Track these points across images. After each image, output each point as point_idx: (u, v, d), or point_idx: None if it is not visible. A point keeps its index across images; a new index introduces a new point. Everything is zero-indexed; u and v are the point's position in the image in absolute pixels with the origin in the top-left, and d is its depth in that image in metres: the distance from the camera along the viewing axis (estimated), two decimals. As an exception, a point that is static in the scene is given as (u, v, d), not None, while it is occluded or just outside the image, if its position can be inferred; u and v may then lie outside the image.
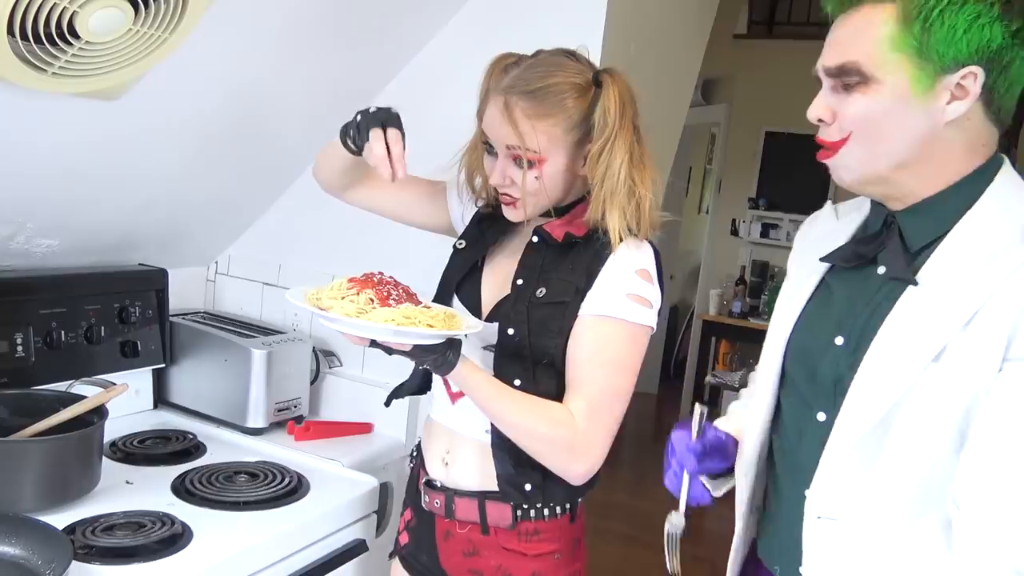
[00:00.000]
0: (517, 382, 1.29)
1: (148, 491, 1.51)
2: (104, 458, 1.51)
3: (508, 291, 1.35)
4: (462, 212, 1.50)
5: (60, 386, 1.64)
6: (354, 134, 1.34)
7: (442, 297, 1.41)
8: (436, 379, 1.43)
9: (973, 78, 0.95)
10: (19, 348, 1.64)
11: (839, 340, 1.06)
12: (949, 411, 0.95)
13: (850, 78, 0.98)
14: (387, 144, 1.28)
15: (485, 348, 1.35)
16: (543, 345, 1.29)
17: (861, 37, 0.97)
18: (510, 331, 1.31)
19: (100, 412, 1.47)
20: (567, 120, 1.27)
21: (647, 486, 4.46)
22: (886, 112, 0.98)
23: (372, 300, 1.19)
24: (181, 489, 1.53)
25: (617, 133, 1.27)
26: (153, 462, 1.65)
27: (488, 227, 1.44)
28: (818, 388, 1.08)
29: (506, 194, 1.33)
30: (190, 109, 1.64)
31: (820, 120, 1.03)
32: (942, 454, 0.96)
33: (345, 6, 1.64)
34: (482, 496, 1.35)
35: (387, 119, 1.30)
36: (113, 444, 1.69)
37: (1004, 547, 0.89)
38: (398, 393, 1.48)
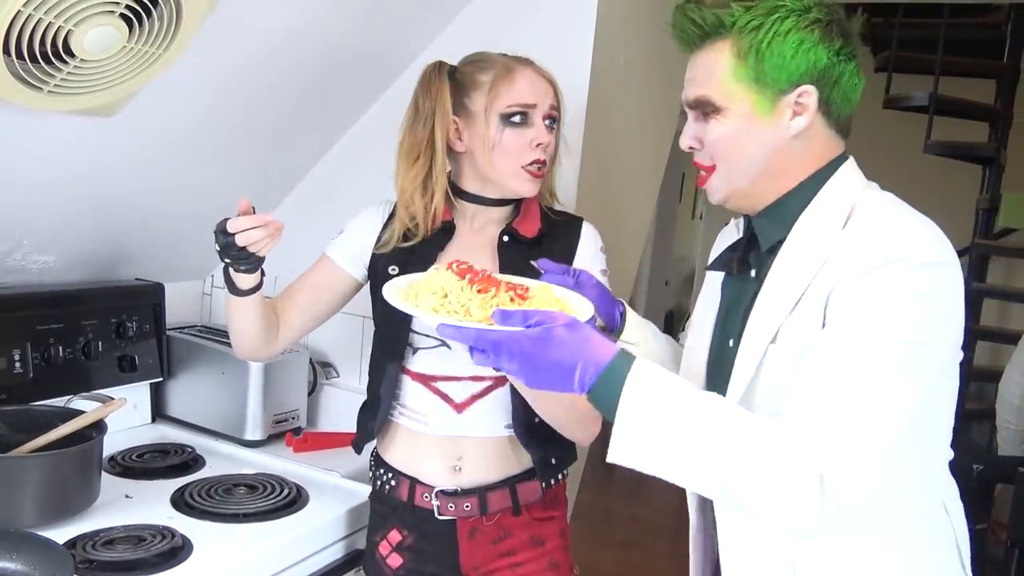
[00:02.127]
0: None
1: (147, 505, 1.52)
2: (103, 473, 1.51)
3: None
4: (356, 258, 1.49)
5: (58, 401, 1.65)
6: (232, 255, 1.30)
7: (398, 325, 1.42)
8: (428, 398, 1.43)
9: (808, 95, 1.08)
10: (17, 364, 1.64)
11: (731, 343, 1.17)
12: (788, 383, 1.06)
13: (705, 108, 1.12)
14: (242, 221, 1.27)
15: None
16: None
17: (708, 73, 1.11)
18: None
19: (99, 427, 1.48)
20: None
21: (644, 493, 4.46)
22: (738, 133, 1.10)
23: (514, 299, 1.08)
24: (180, 502, 1.54)
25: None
26: (152, 476, 1.66)
27: (409, 243, 1.44)
28: (721, 386, 1.16)
29: (543, 162, 1.41)
30: (185, 124, 1.65)
31: (691, 147, 1.16)
32: None
33: (342, 20, 1.65)
34: (511, 481, 1.43)
35: (219, 228, 1.28)
36: (112, 459, 1.70)
37: (817, 451, 0.96)
38: (372, 432, 1.49)
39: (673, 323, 6.77)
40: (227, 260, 1.32)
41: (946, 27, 4.31)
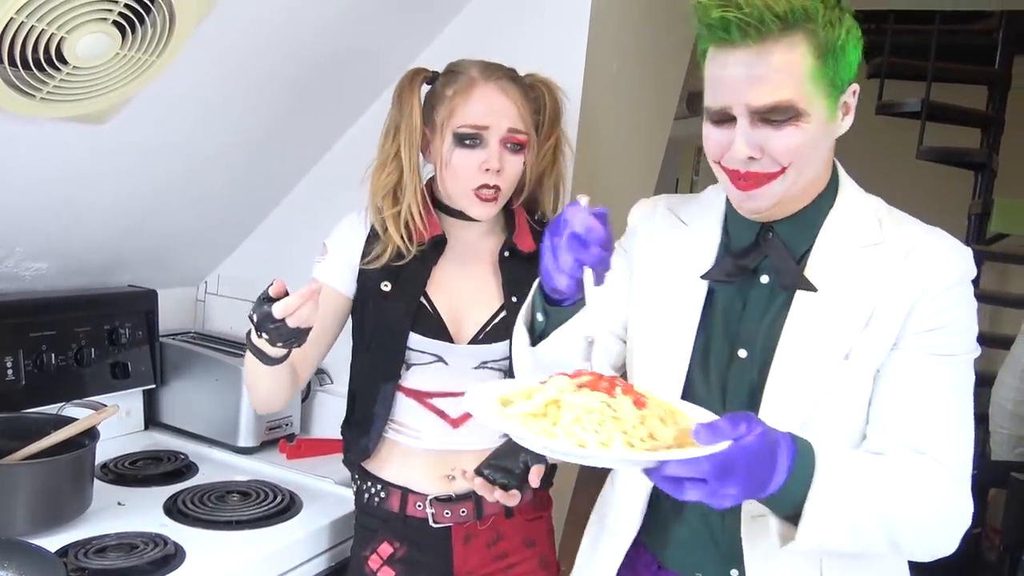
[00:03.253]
0: None
1: (140, 512, 1.51)
2: (96, 480, 1.51)
3: (490, 309, 1.41)
4: (349, 276, 1.44)
5: (51, 409, 1.64)
6: (284, 338, 1.20)
7: (394, 343, 1.40)
8: (423, 415, 1.43)
9: (853, 93, 1.06)
10: (9, 371, 1.64)
11: (742, 353, 1.10)
12: (859, 401, 1.06)
13: (784, 114, 0.99)
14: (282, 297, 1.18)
15: (480, 367, 1.40)
16: None
17: (789, 75, 0.98)
18: None
19: (91, 434, 1.47)
20: (535, 107, 1.41)
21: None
22: (815, 139, 1.02)
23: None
24: (173, 509, 1.53)
25: (559, 129, 1.46)
26: (145, 483, 1.65)
27: (400, 258, 1.40)
28: (730, 400, 1.10)
29: (495, 187, 1.35)
30: (179, 129, 1.65)
31: (751, 157, 1.01)
32: (856, 439, 1.07)
33: (339, 21, 1.66)
34: None
35: (260, 304, 1.20)
36: (104, 466, 1.69)
37: (962, 485, 1.03)
38: (368, 450, 1.44)
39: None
40: (279, 344, 1.22)
41: (938, 33, 4.33)
